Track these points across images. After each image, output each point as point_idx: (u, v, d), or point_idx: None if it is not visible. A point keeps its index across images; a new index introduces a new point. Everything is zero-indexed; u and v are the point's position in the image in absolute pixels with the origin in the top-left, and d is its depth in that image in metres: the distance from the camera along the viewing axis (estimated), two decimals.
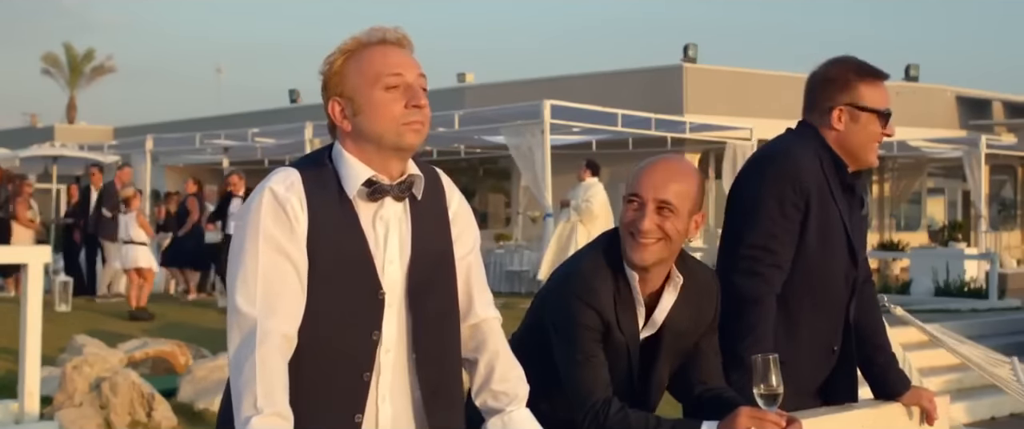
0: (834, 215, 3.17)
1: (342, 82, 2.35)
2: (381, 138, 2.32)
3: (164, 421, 7.54)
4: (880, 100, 3.19)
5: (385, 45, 2.36)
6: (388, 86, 2.32)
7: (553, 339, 2.83)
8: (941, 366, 10.37)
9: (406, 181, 2.37)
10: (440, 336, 2.42)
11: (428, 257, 2.39)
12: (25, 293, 6.78)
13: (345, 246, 2.31)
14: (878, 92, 3.19)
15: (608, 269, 2.83)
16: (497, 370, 2.52)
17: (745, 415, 2.63)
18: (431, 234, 2.42)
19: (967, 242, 23.32)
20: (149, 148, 20.68)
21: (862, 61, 3.24)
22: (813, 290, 3.16)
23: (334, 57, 2.37)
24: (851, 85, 3.18)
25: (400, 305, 2.36)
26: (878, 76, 3.21)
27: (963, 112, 26.87)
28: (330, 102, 2.36)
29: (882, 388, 3.30)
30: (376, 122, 2.32)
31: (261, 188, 2.31)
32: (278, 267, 2.25)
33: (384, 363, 2.35)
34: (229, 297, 2.28)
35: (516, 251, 17.74)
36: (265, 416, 2.16)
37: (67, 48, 49.24)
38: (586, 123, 18.32)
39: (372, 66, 2.33)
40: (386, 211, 2.36)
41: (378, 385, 2.35)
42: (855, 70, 3.20)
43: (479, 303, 2.53)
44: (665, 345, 2.89)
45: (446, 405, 2.44)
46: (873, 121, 3.17)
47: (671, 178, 2.77)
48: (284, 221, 2.28)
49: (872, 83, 3.19)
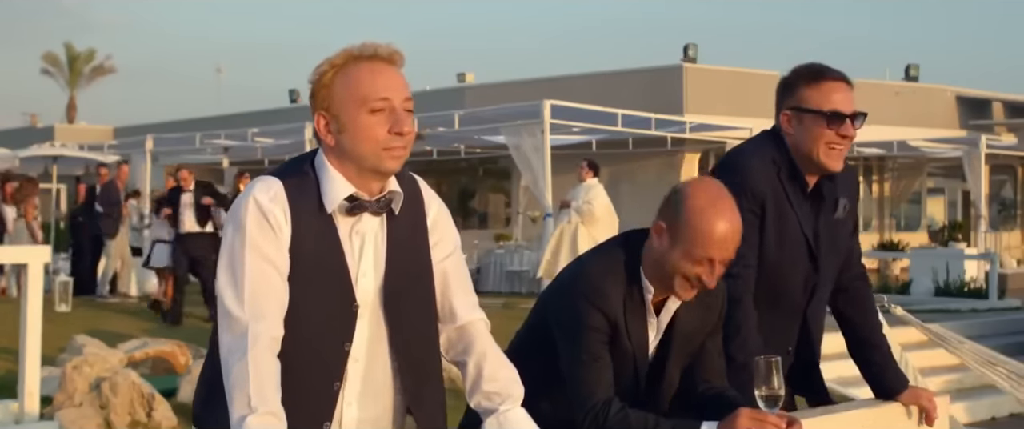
0: (792, 221, 3.17)
1: (329, 97, 2.35)
2: (362, 160, 2.34)
3: (164, 421, 7.54)
4: (824, 101, 3.12)
5: (375, 62, 2.36)
6: (373, 110, 2.32)
7: (558, 338, 2.83)
8: (941, 366, 10.38)
9: (385, 198, 2.40)
10: (415, 342, 2.45)
11: (403, 268, 2.42)
12: (25, 293, 6.78)
13: (322, 257, 2.35)
14: (821, 93, 3.13)
15: (622, 275, 2.81)
16: (485, 371, 2.53)
17: (745, 416, 2.63)
18: (408, 245, 2.44)
19: (967, 242, 23.33)
20: (149, 148, 20.68)
21: (817, 64, 3.20)
22: (770, 293, 3.17)
23: (324, 69, 2.36)
24: (794, 88, 3.17)
25: (372, 315, 2.40)
26: (823, 77, 3.15)
27: (963, 112, 26.88)
28: (316, 115, 2.37)
29: (879, 387, 3.30)
30: (358, 144, 2.33)
31: (245, 196, 2.35)
32: (264, 273, 2.30)
33: (352, 371, 2.39)
34: (219, 301, 2.32)
35: (516, 251, 17.73)
36: (259, 415, 2.20)
37: (67, 48, 49.31)
38: (586, 123, 18.33)
39: (360, 87, 2.33)
40: (363, 225, 2.40)
41: (344, 392, 2.39)
42: (801, 72, 3.18)
43: (461, 306, 2.55)
44: (675, 348, 2.89)
45: (427, 409, 2.47)
46: (818, 122, 3.11)
47: (737, 232, 2.74)
48: (268, 230, 2.31)
49: (815, 84, 3.14)
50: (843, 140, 3.13)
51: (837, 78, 3.14)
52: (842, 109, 3.11)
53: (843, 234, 3.31)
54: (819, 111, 3.12)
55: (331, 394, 2.37)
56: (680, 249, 2.72)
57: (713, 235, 2.70)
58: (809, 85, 3.14)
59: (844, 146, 3.16)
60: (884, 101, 25.26)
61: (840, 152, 3.16)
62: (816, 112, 3.12)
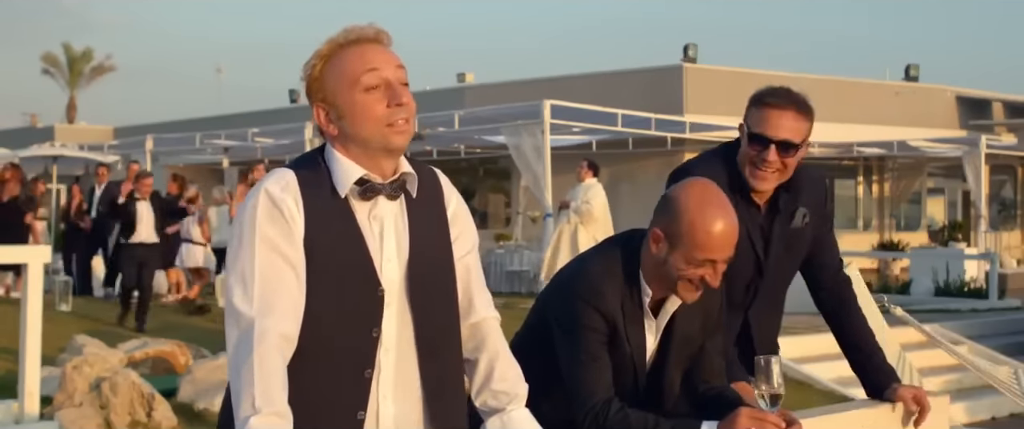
0: None
1: (322, 87, 2.34)
2: (368, 141, 2.33)
3: (164, 421, 7.53)
4: (756, 123, 3.20)
5: (361, 44, 2.34)
6: (367, 87, 2.31)
7: (557, 339, 2.83)
8: (941, 366, 10.38)
9: (399, 180, 2.37)
10: (441, 334, 2.43)
11: (426, 256, 2.40)
12: (25, 293, 6.79)
13: (342, 245, 2.32)
14: (759, 115, 3.21)
15: (620, 276, 2.81)
16: (497, 370, 2.52)
17: (745, 416, 2.63)
18: (429, 234, 2.42)
19: (967, 242, 23.32)
20: (149, 148, 20.69)
21: (780, 89, 3.26)
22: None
23: (313, 62, 2.36)
24: (749, 105, 3.27)
25: (399, 303, 2.37)
26: (767, 100, 3.22)
27: (963, 112, 26.88)
28: (314, 108, 2.36)
29: (866, 384, 3.33)
30: (361, 126, 2.32)
31: (257, 189, 2.32)
32: (275, 267, 2.26)
33: (384, 362, 2.36)
34: (227, 298, 2.29)
35: (516, 251, 17.75)
36: (264, 415, 2.17)
37: (67, 48, 49.29)
38: (586, 123, 18.33)
39: (349, 68, 2.32)
40: (380, 210, 2.37)
41: (379, 384, 2.36)
42: (758, 93, 3.27)
43: (479, 303, 2.54)
44: (674, 350, 2.89)
45: (449, 403, 2.44)
46: (750, 142, 3.21)
47: (735, 228, 2.75)
48: (281, 222, 2.28)
49: (759, 106, 3.22)
50: (765, 164, 3.19)
51: (780, 105, 3.19)
52: (768, 134, 3.17)
53: (800, 242, 3.36)
54: (750, 132, 3.21)
55: (363, 382, 2.32)
56: (681, 253, 2.72)
57: (713, 237, 2.70)
58: (755, 105, 3.24)
59: (766, 170, 3.20)
60: (884, 101, 25.28)
61: (763, 175, 3.21)
62: (749, 132, 3.21)
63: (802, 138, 3.21)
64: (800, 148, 3.21)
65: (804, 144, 3.24)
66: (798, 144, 3.20)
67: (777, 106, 3.19)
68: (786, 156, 3.18)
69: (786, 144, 3.18)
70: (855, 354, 3.37)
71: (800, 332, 10.15)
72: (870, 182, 27.28)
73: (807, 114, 3.22)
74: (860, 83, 25.97)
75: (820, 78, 24.93)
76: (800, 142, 3.20)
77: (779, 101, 3.20)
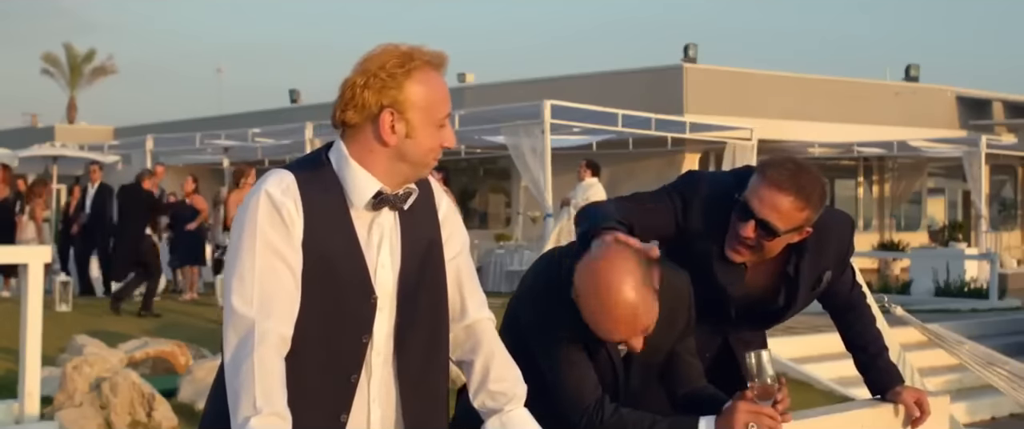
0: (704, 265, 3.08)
1: (404, 99, 2.33)
2: (417, 163, 2.38)
3: (164, 421, 7.54)
4: (752, 191, 2.96)
5: (440, 71, 2.40)
6: (441, 124, 2.39)
7: (533, 347, 2.80)
8: (941, 366, 10.38)
9: (406, 193, 2.41)
10: (426, 335, 2.44)
11: (418, 261, 2.42)
12: (25, 293, 6.79)
13: (339, 250, 2.33)
14: (756, 184, 2.96)
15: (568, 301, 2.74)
16: (492, 371, 2.53)
17: (743, 409, 2.63)
18: (421, 238, 2.45)
19: (967, 242, 23.30)
20: (149, 148, 20.68)
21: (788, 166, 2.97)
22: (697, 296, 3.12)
23: (392, 65, 2.32)
24: (756, 167, 3.07)
25: (390, 308, 2.39)
26: (768, 174, 2.95)
27: (963, 112, 26.87)
28: (382, 111, 2.32)
29: (870, 383, 3.32)
30: (420, 151, 2.37)
31: (257, 190, 2.33)
32: (274, 269, 2.28)
33: (375, 365, 2.38)
34: (226, 298, 2.30)
35: (516, 251, 17.75)
36: (264, 416, 2.18)
37: (67, 48, 49.28)
38: (586, 123, 18.31)
39: (435, 98, 2.36)
40: (382, 218, 2.39)
41: (369, 388, 2.38)
42: (764, 162, 3.04)
43: (471, 304, 2.56)
44: (639, 361, 2.84)
45: (425, 402, 2.46)
46: (736, 209, 2.99)
47: (627, 317, 2.62)
48: (280, 224, 2.29)
49: (760, 174, 2.98)
50: (740, 238, 2.98)
51: (781, 186, 2.92)
52: (754, 207, 2.93)
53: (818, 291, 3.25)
54: (738, 199, 2.98)
55: (349, 387, 2.35)
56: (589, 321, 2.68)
57: (605, 332, 2.66)
58: (759, 170, 3.00)
59: (740, 245, 2.99)
60: (884, 101, 25.27)
61: (737, 249, 3.01)
62: (742, 196, 2.98)
63: (790, 227, 2.93)
64: (784, 236, 2.95)
65: (794, 232, 2.97)
66: (780, 232, 2.94)
67: (777, 185, 2.92)
68: (766, 238, 2.95)
69: (768, 227, 2.94)
70: (861, 355, 3.34)
71: (800, 332, 10.16)
72: (870, 182, 27.28)
73: (807, 204, 2.92)
74: (860, 83, 25.97)
75: (820, 78, 24.96)
76: (785, 230, 2.94)
77: (782, 180, 2.92)
